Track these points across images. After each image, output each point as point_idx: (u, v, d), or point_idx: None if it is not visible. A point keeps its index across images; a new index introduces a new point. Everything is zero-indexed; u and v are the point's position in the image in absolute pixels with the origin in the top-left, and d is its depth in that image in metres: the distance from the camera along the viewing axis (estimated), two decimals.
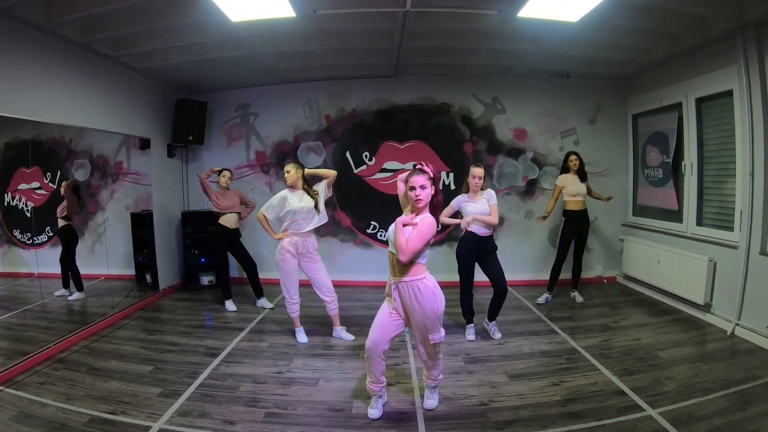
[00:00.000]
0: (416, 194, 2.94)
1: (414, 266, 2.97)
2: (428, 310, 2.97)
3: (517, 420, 3.14)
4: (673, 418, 3.05)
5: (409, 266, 2.96)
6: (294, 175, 4.48)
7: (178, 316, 5.61)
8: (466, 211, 4.51)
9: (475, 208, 4.47)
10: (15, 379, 3.77)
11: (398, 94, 6.82)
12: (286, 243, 4.49)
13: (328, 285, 4.62)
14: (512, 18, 4.31)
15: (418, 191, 2.94)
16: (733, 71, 4.65)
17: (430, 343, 3.08)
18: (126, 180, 6.55)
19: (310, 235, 4.55)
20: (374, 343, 3.08)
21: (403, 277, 2.98)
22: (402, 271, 2.98)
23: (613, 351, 4.27)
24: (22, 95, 4.18)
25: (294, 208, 4.42)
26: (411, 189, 2.97)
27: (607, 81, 6.69)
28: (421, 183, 2.95)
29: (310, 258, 4.55)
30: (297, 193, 4.51)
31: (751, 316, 4.47)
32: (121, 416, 3.21)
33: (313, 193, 4.52)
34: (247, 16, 4.19)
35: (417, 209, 3.00)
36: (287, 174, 4.48)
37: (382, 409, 3.26)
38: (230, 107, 7.17)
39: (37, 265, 5.38)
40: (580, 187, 5.66)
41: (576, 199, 5.69)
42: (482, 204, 4.48)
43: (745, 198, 4.53)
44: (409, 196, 2.99)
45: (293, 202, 4.44)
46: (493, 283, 4.56)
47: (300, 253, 4.50)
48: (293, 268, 4.55)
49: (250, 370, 3.99)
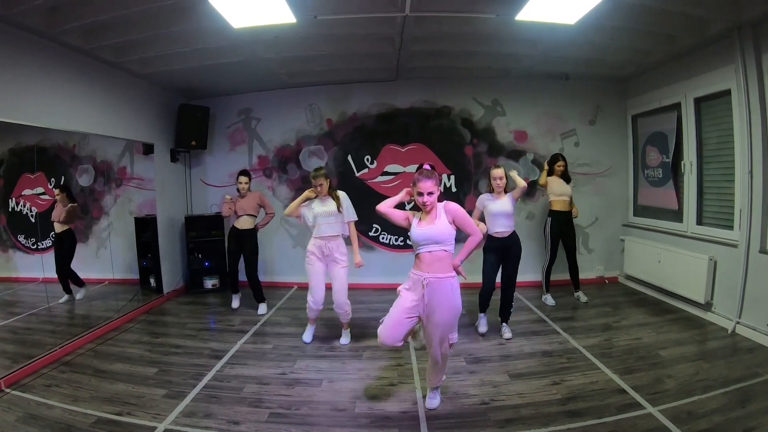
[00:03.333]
0: (423, 200, 3.06)
1: (447, 262, 3.08)
2: (454, 308, 3.08)
3: (517, 418, 3.17)
4: (673, 415, 3.07)
5: (447, 263, 3.08)
6: (326, 188, 4.53)
7: (182, 319, 5.65)
8: (488, 209, 4.64)
9: (497, 207, 4.60)
10: (21, 381, 3.81)
11: (399, 97, 6.86)
12: (311, 245, 4.56)
13: (340, 296, 4.55)
14: (510, 21, 4.34)
15: (425, 197, 3.06)
16: (731, 71, 4.68)
17: (447, 344, 3.15)
18: (129, 185, 6.60)
19: (335, 239, 4.54)
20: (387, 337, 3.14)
21: (438, 273, 3.04)
22: (439, 268, 3.05)
23: (614, 350, 4.30)
24: (27, 102, 4.22)
25: (317, 212, 4.49)
26: (419, 195, 3.07)
27: (606, 82, 6.72)
28: (429, 189, 3.06)
29: (335, 263, 4.55)
30: (322, 198, 4.56)
31: (751, 314, 4.49)
32: (126, 417, 3.25)
33: (335, 197, 4.56)
34: (248, 23, 4.22)
35: (426, 213, 3.12)
36: (320, 187, 4.47)
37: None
38: (232, 112, 7.22)
39: (43, 269, 5.38)
40: (566, 187, 5.78)
41: (561, 198, 5.78)
42: (505, 203, 4.61)
43: (744, 196, 4.56)
44: (417, 201, 3.11)
45: (317, 207, 4.51)
46: (502, 288, 4.78)
47: (326, 255, 4.54)
48: (318, 270, 4.57)
49: (254, 372, 4.03)
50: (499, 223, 4.60)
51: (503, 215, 4.59)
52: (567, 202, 5.80)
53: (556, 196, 5.79)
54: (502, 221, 4.60)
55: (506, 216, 4.60)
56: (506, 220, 4.61)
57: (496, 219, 4.60)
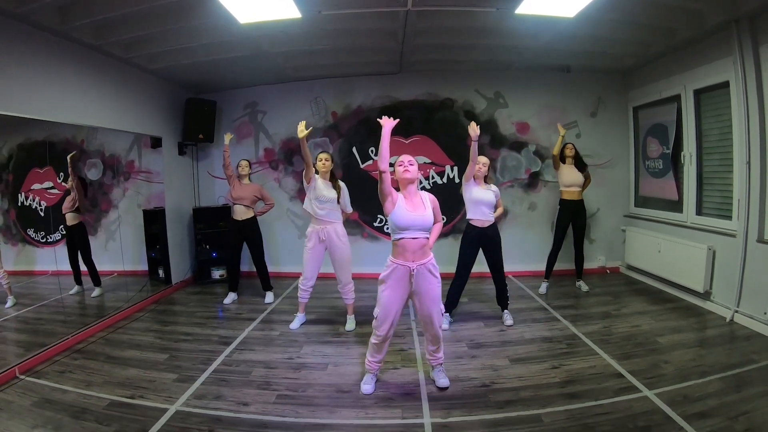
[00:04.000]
0: (405, 168, 3.28)
1: (426, 248, 3.26)
2: (437, 287, 3.30)
3: (517, 400, 3.27)
4: (669, 398, 3.15)
5: (425, 248, 3.24)
6: (329, 165, 4.71)
7: (190, 308, 5.76)
8: (471, 194, 4.66)
9: (480, 194, 4.63)
10: (35, 368, 3.91)
11: (402, 90, 6.93)
12: (310, 232, 4.71)
13: (343, 276, 4.77)
14: (510, 15, 4.41)
15: (406, 165, 3.29)
16: (729, 63, 4.72)
17: (440, 315, 3.37)
18: (138, 178, 6.70)
19: (332, 224, 4.68)
20: (390, 332, 3.37)
21: (422, 259, 3.22)
22: (423, 254, 3.23)
23: (613, 337, 4.38)
24: (39, 97, 4.31)
25: (319, 193, 4.60)
26: (399, 165, 3.30)
27: (607, 74, 6.76)
28: (409, 159, 3.31)
29: (335, 246, 4.69)
30: (326, 182, 4.69)
31: (749, 303, 4.54)
32: (139, 400, 3.36)
33: (337, 187, 4.71)
34: (254, 18, 4.31)
35: (403, 182, 3.31)
36: (323, 162, 4.68)
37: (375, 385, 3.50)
38: (239, 106, 7.31)
39: (56, 262, 5.50)
40: (576, 177, 5.77)
41: (571, 189, 5.80)
42: (488, 193, 4.66)
43: (742, 187, 4.61)
44: (399, 171, 3.30)
45: (320, 187, 4.62)
46: (493, 278, 4.88)
47: (322, 240, 4.68)
48: (314, 254, 4.73)
49: (262, 357, 4.14)
50: (479, 211, 4.64)
51: (485, 204, 4.63)
52: (577, 192, 5.81)
53: (566, 186, 5.82)
54: (482, 209, 4.63)
55: (487, 205, 4.64)
56: (487, 209, 4.65)
57: (477, 206, 4.64)
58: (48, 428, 2.99)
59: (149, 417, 3.12)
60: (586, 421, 2.96)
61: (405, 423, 3.04)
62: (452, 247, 6.39)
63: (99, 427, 3.01)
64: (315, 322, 5.01)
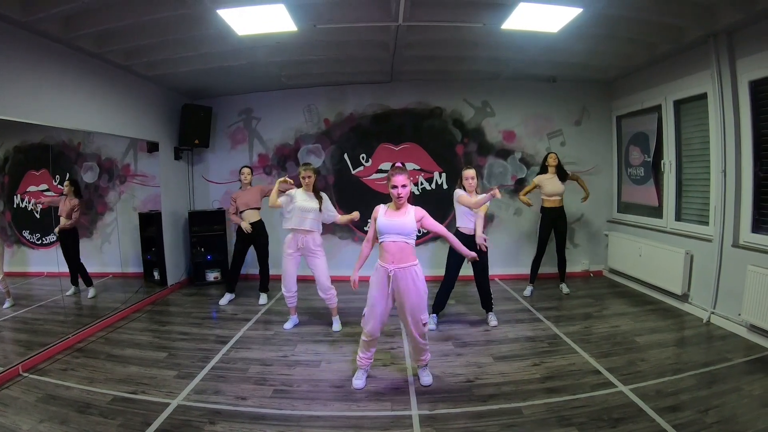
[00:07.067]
0: (398, 192, 3.35)
1: (409, 252, 3.37)
2: (421, 291, 3.40)
3: (499, 394, 3.46)
4: (642, 393, 3.34)
5: (409, 253, 3.37)
6: (311, 180, 4.80)
7: (187, 309, 5.87)
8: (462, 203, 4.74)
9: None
10: (38, 366, 4.02)
11: (393, 99, 7.10)
12: (289, 239, 4.80)
13: (323, 282, 4.85)
14: (497, 30, 4.60)
15: (399, 189, 3.35)
16: (707, 75, 4.91)
17: (421, 324, 3.45)
18: (133, 182, 6.77)
19: (310, 234, 4.78)
20: (377, 330, 3.53)
21: (402, 263, 3.35)
22: (402, 258, 3.35)
23: (593, 336, 4.56)
24: (41, 102, 4.41)
25: (299, 205, 4.71)
26: (393, 188, 3.36)
27: (591, 84, 6.95)
28: (402, 182, 3.35)
29: (312, 254, 4.81)
30: (308, 194, 4.82)
31: (725, 305, 4.73)
32: (141, 395, 3.50)
33: (318, 198, 4.83)
34: (252, 30, 4.48)
35: (398, 205, 3.40)
36: (308, 179, 4.78)
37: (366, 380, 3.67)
38: (234, 112, 7.45)
39: (58, 263, 5.53)
40: (558, 187, 5.93)
41: (553, 198, 5.96)
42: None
43: (718, 194, 4.79)
44: (392, 193, 3.38)
45: (300, 200, 4.74)
46: (477, 283, 5.00)
47: (300, 248, 4.80)
48: (291, 262, 4.86)
49: (258, 355, 4.30)
50: (468, 219, 4.75)
51: (474, 213, 4.73)
52: (558, 200, 5.96)
53: (548, 196, 5.97)
54: (472, 218, 4.74)
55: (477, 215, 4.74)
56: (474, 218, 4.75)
57: (467, 215, 4.75)
58: (54, 422, 3.10)
59: (152, 411, 3.26)
60: (564, 413, 3.14)
61: (394, 415, 3.22)
62: (440, 251, 6.56)
63: (104, 420, 3.14)
64: (308, 323, 5.16)
